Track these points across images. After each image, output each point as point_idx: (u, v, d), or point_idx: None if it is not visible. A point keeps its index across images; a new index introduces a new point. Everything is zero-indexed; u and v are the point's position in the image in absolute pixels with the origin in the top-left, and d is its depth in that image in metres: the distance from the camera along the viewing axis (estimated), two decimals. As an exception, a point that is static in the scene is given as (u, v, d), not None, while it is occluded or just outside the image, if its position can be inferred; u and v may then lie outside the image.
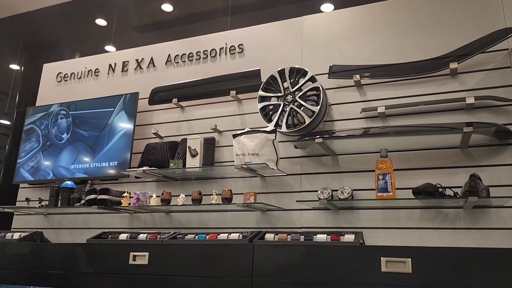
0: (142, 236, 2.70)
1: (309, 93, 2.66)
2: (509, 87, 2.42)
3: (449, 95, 2.52)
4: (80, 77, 3.74)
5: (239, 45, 3.21)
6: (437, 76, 2.57)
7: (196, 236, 2.60)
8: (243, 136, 2.65)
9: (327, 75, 2.79)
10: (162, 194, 2.80)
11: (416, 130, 2.42)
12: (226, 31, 3.40)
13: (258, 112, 2.78)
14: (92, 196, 2.93)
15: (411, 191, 2.24)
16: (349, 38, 2.88)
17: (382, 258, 1.82)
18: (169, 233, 2.72)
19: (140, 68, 3.52)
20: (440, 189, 2.24)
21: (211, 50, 3.29)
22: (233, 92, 2.97)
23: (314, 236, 2.35)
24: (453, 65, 2.47)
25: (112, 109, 3.30)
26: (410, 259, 1.80)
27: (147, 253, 2.32)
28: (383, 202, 2.39)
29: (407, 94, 2.61)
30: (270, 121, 2.72)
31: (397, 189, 2.29)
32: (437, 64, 2.57)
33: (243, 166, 2.57)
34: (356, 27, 2.89)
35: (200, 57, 3.32)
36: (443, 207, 2.38)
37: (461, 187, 2.23)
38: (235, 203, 2.59)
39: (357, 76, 2.67)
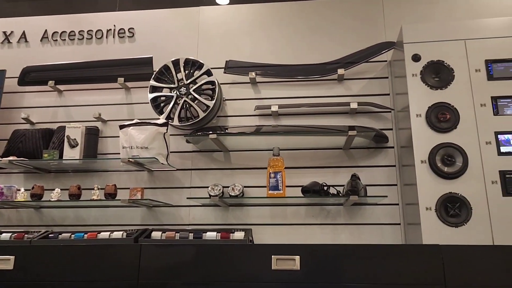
0: (5, 236, 2.39)
1: (204, 86, 2.59)
2: (386, 96, 2.66)
3: (336, 99, 2.67)
4: None
5: (129, 29, 2.98)
6: (326, 80, 2.72)
7: (73, 235, 2.36)
8: (131, 127, 2.47)
9: (223, 69, 2.76)
10: (33, 188, 2.47)
11: (305, 131, 2.52)
12: (114, 12, 3.13)
13: (148, 103, 2.61)
14: None
15: (300, 190, 2.32)
16: (246, 34, 2.88)
17: (273, 256, 1.84)
18: (39, 231, 2.44)
19: (9, 42, 3.06)
20: (325, 188, 2.36)
21: (96, 31, 3.01)
22: (121, 79, 2.75)
23: (204, 233, 2.30)
24: (340, 71, 2.62)
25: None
26: (298, 257, 1.85)
27: (12, 257, 2.01)
28: (272, 199, 2.44)
29: (299, 95, 2.71)
30: (161, 113, 2.58)
31: (286, 186, 2.36)
32: (326, 69, 2.71)
33: (130, 159, 2.40)
34: (253, 24, 2.90)
35: (83, 37, 3.01)
36: (326, 204, 2.53)
37: (343, 185, 2.39)
38: (119, 199, 2.41)
39: (253, 73, 2.68)
